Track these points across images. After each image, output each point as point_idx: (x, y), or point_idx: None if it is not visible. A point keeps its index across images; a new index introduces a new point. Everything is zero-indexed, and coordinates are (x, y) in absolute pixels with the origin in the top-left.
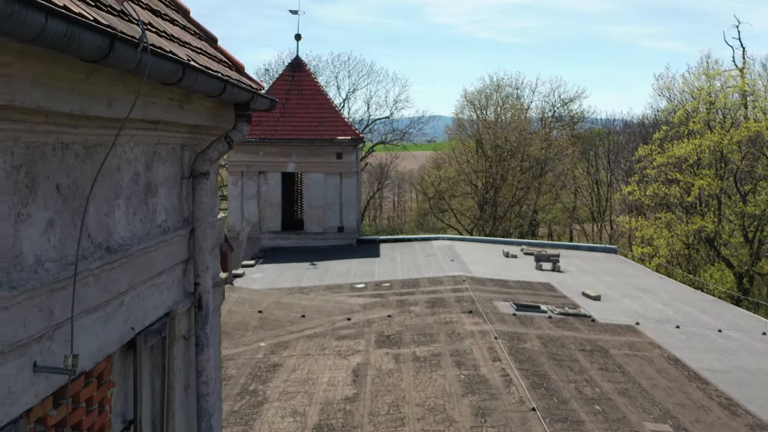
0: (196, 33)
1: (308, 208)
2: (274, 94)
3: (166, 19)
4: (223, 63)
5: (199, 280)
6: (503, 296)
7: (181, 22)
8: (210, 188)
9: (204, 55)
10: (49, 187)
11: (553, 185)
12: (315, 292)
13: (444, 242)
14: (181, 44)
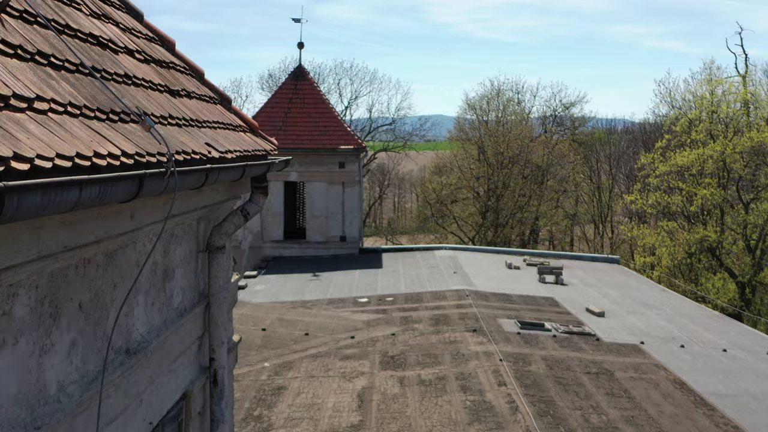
0: (212, 98)
1: (310, 217)
2: (277, 103)
3: (182, 95)
4: (239, 128)
5: (214, 356)
6: (507, 312)
7: (197, 92)
8: (226, 261)
9: (221, 128)
10: (71, 308)
11: (556, 191)
12: (318, 306)
13: (446, 252)
14: (200, 125)
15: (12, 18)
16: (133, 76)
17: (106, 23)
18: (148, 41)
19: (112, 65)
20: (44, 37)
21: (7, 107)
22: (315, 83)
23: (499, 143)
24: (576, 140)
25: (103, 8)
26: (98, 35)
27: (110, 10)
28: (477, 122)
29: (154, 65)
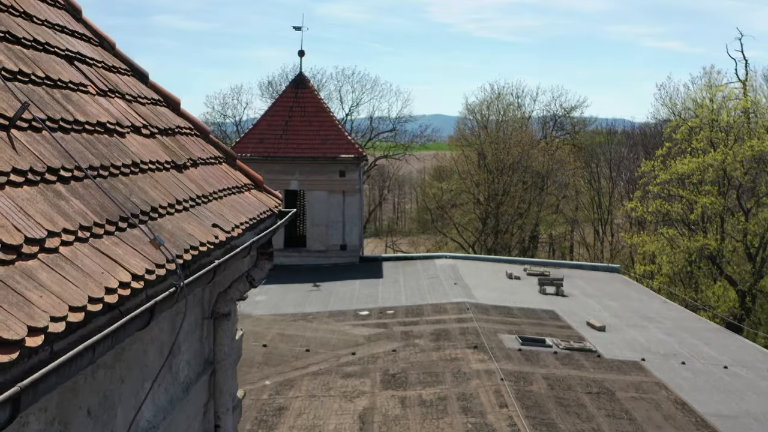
0: (217, 158)
1: (311, 225)
2: (277, 111)
3: (188, 166)
4: (245, 188)
5: (219, 422)
6: (508, 327)
7: (203, 155)
8: (231, 327)
9: (227, 194)
10: (80, 416)
11: (556, 197)
12: (319, 319)
13: (446, 261)
14: (206, 199)
15: (20, 131)
16: (140, 161)
17: (113, 98)
18: (154, 105)
19: (119, 155)
20: (53, 145)
21: (19, 257)
22: (316, 91)
23: (499, 149)
24: (576, 144)
25: (108, 80)
26: (105, 122)
27: (116, 79)
28: (477, 128)
29: (160, 137)
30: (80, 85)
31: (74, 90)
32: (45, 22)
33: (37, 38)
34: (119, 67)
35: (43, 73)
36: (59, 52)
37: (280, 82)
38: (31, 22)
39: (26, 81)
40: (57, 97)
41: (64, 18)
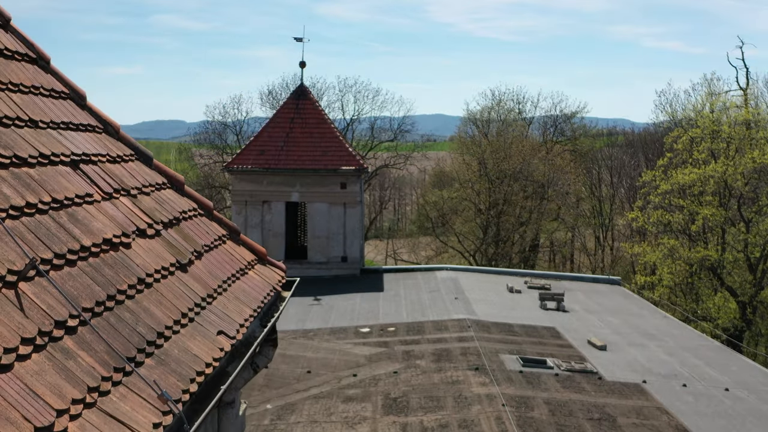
0: (223, 236)
1: (312, 237)
2: (279, 123)
3: (194, 258)
4: (250, 265)
5: None
6: (509, 346)
7: (209, 241)
8: (235, 417)
9: (232, 278)
10: None
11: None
12: (320, 337)
13: (447, 274)
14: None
15: (28, 282)
16: (146, 275)
17: (118, 199)
18: (159, 190)
19: (125, 274)
20: (63, 305)
21: None
22: (317, 103)
23: (500, 158)
24: (577, 150)
25: (114, 175)
26: (111, 236)
27: (121, 171)
28: (478, 135)
29: (165, 232)
30: (86, 196)
31: (80, 204)
32: (50, 124)
33: (42, 151)
34: (123, 154)
35: (50, 196)
36: (64, 159)
37: (281, 92)
38: (36, 129)
39: (32, 212)
40: (63, 221)
41: (69, 110)
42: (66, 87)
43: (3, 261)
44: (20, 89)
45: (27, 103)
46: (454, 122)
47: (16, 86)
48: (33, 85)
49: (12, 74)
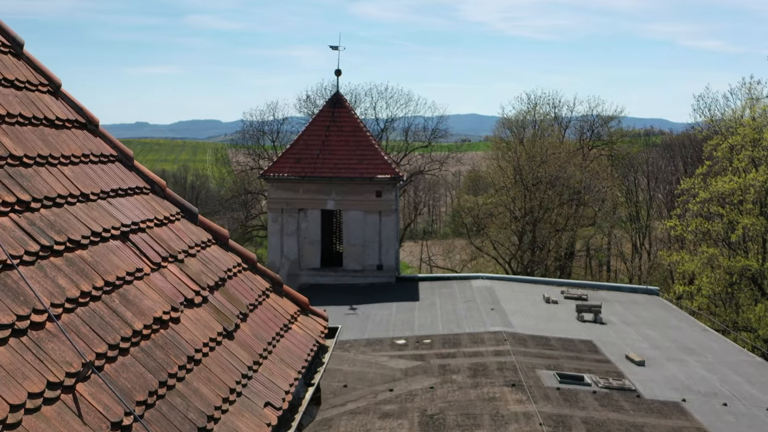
0: (267, 290)
1: (347, 245)
2: (314, 131)
3: (239, 320)
4: (293, 318)
5: None
6: (546, 361)
7: (252, 297)
8: None
9: (277, 337)
10: None
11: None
12: (356, 348)
13: (483, 283)
14: (259, 361)
15: (84, 382)
16: (194, 351)
17: (165, 267)
18: (205, 248)
19: (176, 355)
20: (115, 386)
21: None
22: (352, 110)
23: (535, 165)
24: (613, 154)
25: (161, 241)
26: (161, 314)
27: (168, 234)
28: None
29: (212, 297)
30: (136, 272)
31: (130, 281)
32: (100, 194)
33: (94, 229)
34: (170, 214)
35: (102, 280)
36: (114, 233)
37: (316, 98)
38: (87, 202)
39: (87, 301)
40: (115, 305)
41: (118, 174)
42: (114, 149)
43: (61, 363)
44: (71, 160)
45: (78, 175)
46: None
47: (67, 158)
48: (83, 154)
49: (64, 145)
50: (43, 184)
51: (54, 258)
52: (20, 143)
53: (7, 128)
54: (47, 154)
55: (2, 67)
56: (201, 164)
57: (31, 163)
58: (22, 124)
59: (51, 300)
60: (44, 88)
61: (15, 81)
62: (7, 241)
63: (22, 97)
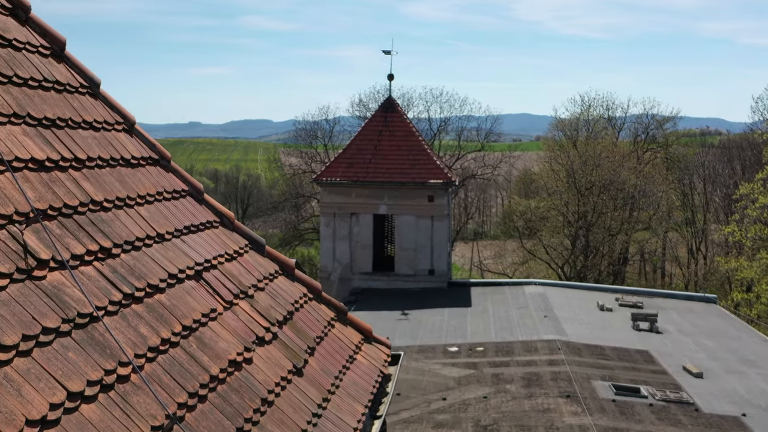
0: (332, 320)
1: (399, 250)
2: (367, 136)
3: (307, 354)
4: (357, 347)
5: None
6: (601, 372)
7: (322, 323)
8: None
9: (343, 369)
10: None
11: (648, 212)
12: (408, 355)
13: (536, 289)
14: (327, 397)
15: None
16: (267, 393)
17: (237, 304)
18: (272, 280)
19: (250, 398)
20: None
21: None
22: (405, 115)
23: (588, 169)
24: (669, 157)
25: (232, 277)
26: (234, 356)
27: (238, 269)
28: (566, 145)
29: (281, 333)
30: (210, 313)
31: (205, 323)
32: (174, 232)
33: (170, 271)
34: (239, 248)
35: (180, 325)
36: (189, 273)
37: (369, 102)
38: (163, 242)
39: (166, 349)
40: (193, 350)
41: (189, 210)
42: (185, 183)
43: (147, 417)
44: (147, 200)
45: (153, 214)
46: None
47: (143, 198)
48: (157, 192)
49: (139, 184)
50: (122, 228)
51: (135, 305)
52: (100, 187)
53: (87, 172)
54: (125, 196)
55: (81, 109)
56: (252, 164)
57: (110, 206)
58: (101, 167)
59: (134, 350)
60: (119, 127)
61: (93, 122)
62: (92, 292)
63: (100, 139)
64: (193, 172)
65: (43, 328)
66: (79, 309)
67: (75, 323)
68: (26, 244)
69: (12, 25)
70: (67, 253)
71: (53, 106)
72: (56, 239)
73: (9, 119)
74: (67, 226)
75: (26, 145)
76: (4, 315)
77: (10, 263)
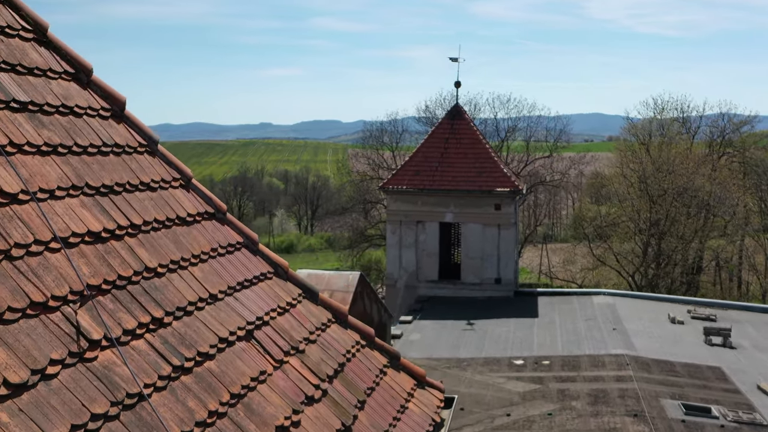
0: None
1: (465, 258)
2: (433, 143)
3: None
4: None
5: None
6: (670, 389)
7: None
8: None
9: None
10: None
11: (723, 219)
12: (473, 367)
13: (604, 299)
14: None
15: None
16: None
17: (288, 361)
18: (322, 330)
19: None
20: None
21: None
22: (471, 122)
23: (662, 176)
24: (746, 162)
25: (282, 330)
26: (282, 421)
27: (290, 322)
28: (639, 150)
29: (331, 389)
30: (260, 375)
31: (254, 388)
32: (227, 290)
33: (221, 335)
34: (293, 299)
35: (228, 393)
36: (240, 335)
37: (435, 108)
38: (215, 303)
39: (214, 420)
40: (239, 419)
41: (244, 263)
42: (240, 234)
43: None
44: (201, 258)
45: (207, 273)
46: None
47: (197, 257)
48: (212, 248)
49: (194, 243)
50: (175, 293)
51: (184, 376)
52: (155, 251)
53: (143, 237)
54: (179, 258)
55: (139, 170)
56: (322, 165)
57: (164, 271)
58: (157, 229)
59: (181, 428)
60: (176, 183)
61: (150, 183)
62: (142, 368)
63: (156, 199)
64: (264, 173)
65: (92, 415)
66: (128, 389)
67: (123, 404)
68: (79, 325)
69: (74, 91)
70: (118, 329)
71: (111, 171)
72: (109, 314)
73: (67, 192)
74: (120, 299)
75: (83, 218)
76: (54, 405)
77: (62, 348)
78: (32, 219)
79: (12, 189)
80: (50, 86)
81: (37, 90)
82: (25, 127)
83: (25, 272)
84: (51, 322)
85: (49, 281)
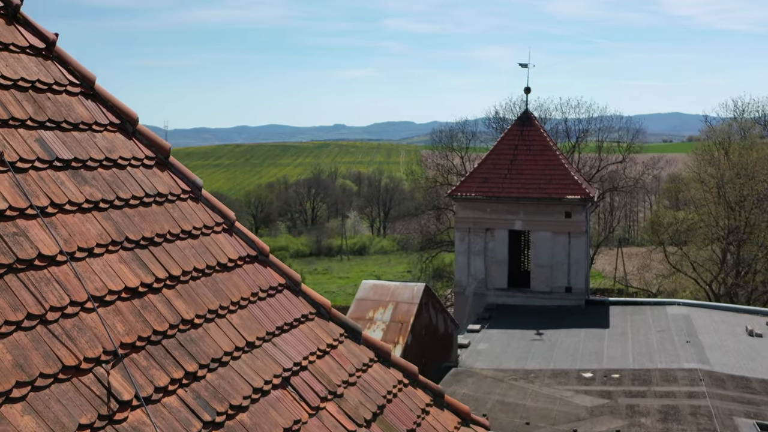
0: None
1: (535, 266)
2: (502, 150)
3: None
4: None
5: None
6: (745, 408)
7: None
8: None
9: None
10: None
11: None
12: (540, 379)
13: (679, 310)
14: None
15: None
16: None
17: (324, 408)
18: (366, 370)
19: None
20: None
21: None
22: (542, 128)
23: (742, 182)
24: None
25: (321, 375)
26: None
27: (330, 364)
28: (717, 155)
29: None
30: (293, 425)
31: None
32: (265, 336)
33: (255, 386)
34: (334, 340)
35: None
36: (276, 383)
37: (505, 114)
38: (252, 351)
39: None
40: None
41: (284, 305)
42: (282, 276)
43: None
44: (240, 305)
45: (245, 320)
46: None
47: (236, 304)
48: (252, 293)
49: (234, 289)
50: (210, 344)
51: None
52: (193, 302)
53: (181, 288)
54: (217, 307)
55: (181, 218)
56: (395, 166)
57: (201, 322)
58: (196, 278)
59: None
60: (219, 228)
61: (192, 230)
62: (172, 426)
63: (197, 247)
64: (337, 174)
65: None
66: None
67: None
68: (110, 386)
69: (119, 142)
70: (150, 387)
71: (152, 222)
72: (142, 372)
73: (106, 248)
74: (154, 354)
75: (121, 274)
76: None
77: (92, 411)
78: (69, 280)
79: (50, 251)
80: (95, 140)
81: (81, 145)
82: (67, 185)
83: (59, 335)
84: (82, 384)
85: (82, 343)
